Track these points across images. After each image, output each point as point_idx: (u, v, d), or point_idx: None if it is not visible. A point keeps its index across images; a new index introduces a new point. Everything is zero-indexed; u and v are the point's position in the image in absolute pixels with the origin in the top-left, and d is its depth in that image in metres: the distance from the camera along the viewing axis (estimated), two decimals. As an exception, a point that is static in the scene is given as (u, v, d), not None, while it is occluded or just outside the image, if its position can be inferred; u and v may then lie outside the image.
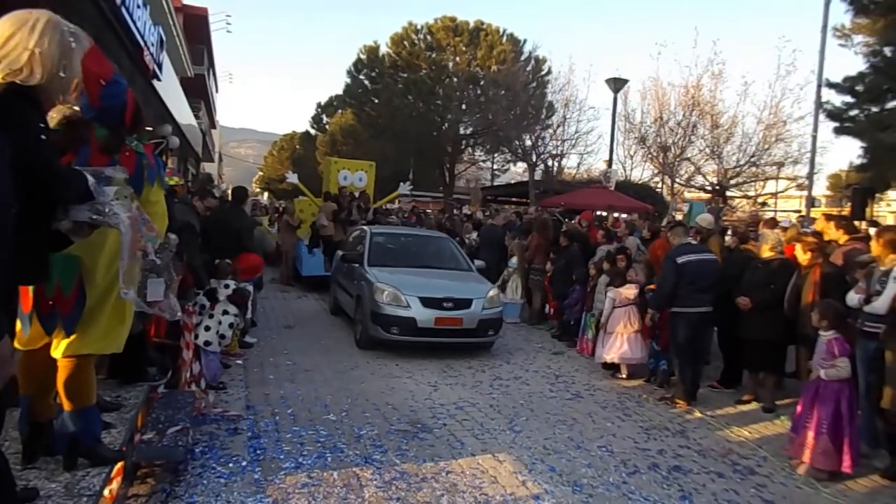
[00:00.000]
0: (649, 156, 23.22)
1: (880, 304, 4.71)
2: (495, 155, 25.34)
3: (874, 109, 15.34)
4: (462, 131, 26.16)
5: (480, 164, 27.04)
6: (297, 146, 48.17)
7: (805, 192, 21.27)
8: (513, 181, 26.88)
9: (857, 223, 7.96)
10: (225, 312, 5.78)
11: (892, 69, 14.68)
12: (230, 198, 8.28)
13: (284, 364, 6.73)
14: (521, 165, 24.73)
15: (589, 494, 4.09)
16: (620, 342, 6.69)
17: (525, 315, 9.93)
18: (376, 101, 28.80)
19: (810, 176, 16.31)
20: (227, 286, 5.98)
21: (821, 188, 32.25)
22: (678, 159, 22.16)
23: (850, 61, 15.52)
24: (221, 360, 5.98)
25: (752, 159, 21.48)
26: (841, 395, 4.55)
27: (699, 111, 22.14)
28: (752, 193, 23.87)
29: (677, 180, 23.01)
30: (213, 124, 35.77)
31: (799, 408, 4.81)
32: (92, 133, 2.86)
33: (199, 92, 24.48)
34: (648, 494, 4.13)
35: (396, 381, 6.39)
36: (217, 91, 37.62)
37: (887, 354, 4.55)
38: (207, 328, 5.58)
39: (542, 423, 5.39)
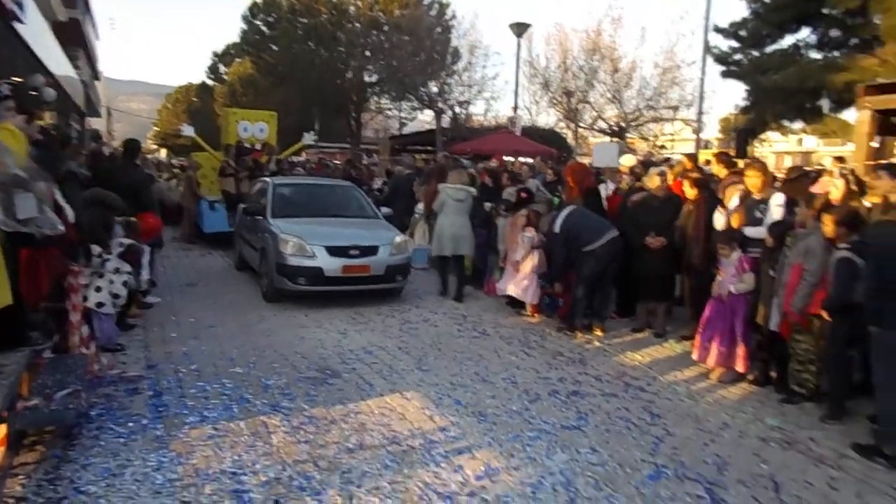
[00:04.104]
0: (554, 101, 23.68)
1: (762, 229, 5.15)
2: (402, 103, 24.93)
3: (755, 54, 16.28)
4: (367, 79, 25.49)
5: (387, 112, 26.57)
6: (194, 98, 45.46)
7: (700, 135, 22.39)
8: (422, 129, 26.68)
9: (739, 161, 8.54)
10: (117, 271, 5.49)
11: (771, 15, 15.56)
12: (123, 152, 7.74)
13: (187, 322, 6.52)
14: (430, 113, 24.58)
15: (493, 423, 4.30)
16: (528, 281, 6.89)
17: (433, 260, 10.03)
18: (275, 48, 27.44)
19: (699, 117, 17.19)
20: (121, 244, 5.67)
21: (714, 131, 34.06)
22: (581, 104, 22.74)
23: (738, 7, 16.25)
24: (118, 322, 5.71)
25: (650, 103, 22.40)
26: (739, 308, 5.11)
27: (600, 56, 22.68)
28: (650, 136, 24.91)
29: (581, 125, 23.67)
30: (96, 76, 32.91)
31: (703, 323, 5.36)
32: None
33: (75, 39, 22.32)
34: (548, 418, 4.39)
35: (305, 331, 6.35)
36: (98, 38, 34.50)
37: (762, 277, 5.01)
38: (99, 289, 5.29)
39: (449, 361, 5.56)
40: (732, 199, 5.60)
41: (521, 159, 15.66)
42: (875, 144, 11.28)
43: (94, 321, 5.16)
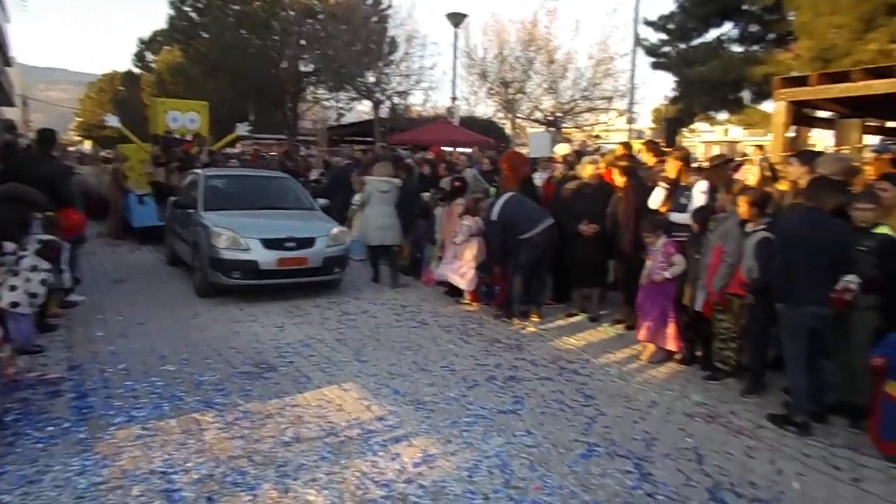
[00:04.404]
0: (492, 91, 23.86)
1: (685, 215, 5.37)
2: (339, 93, 24.53)
3: (682, 46, 16.88)
4: (302, 69, 24.94)
5: (324, 103, 26.09)
6: (120, 87, 43.31)
7: (633, 125, 23.07)
8: (361, 120, 26.37)
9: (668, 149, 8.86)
10: (34, 269, 5.19)
11: (696, 9, 16.16)
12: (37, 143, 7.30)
13: (115, 320, 6.26)
14: (368, 104, 24.31)
15: (431, 410, 4.33)
16: (466, 269, 6.94)
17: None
18: (206, 35, 26.46)
19: (629, 107, 17.70)
20: (38, 241, 5.37)
21: (647, 121, 35.14)
22: (518, 94, 23.00)
23: (667, 1, 16.80)
24: (38, 322, 5.43)
25: (585, 94, 22.87)
26: (669, 290, 5.32)
27: (536, 47, 22.98)
28: (586, 126, 25.46)
29: (519, 115, 23.95)
30: (7, 61, 30.90)
31: (638, 306, 5.59)
32: None
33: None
34: (485, 403, 4.47)
35: (240, 326, 6.22)
36: (8, 21, 32.35)
37: (687, 260, 5.22)
38: (13, 287, 5.00)
39: (388, 352, 5.56)
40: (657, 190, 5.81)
41: (460, 149, 15.77)
42: (791, 134, 11.90)
43: (8, 322, 4.87)
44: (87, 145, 43.90)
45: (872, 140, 13.29)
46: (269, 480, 3.31)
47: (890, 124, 12.40)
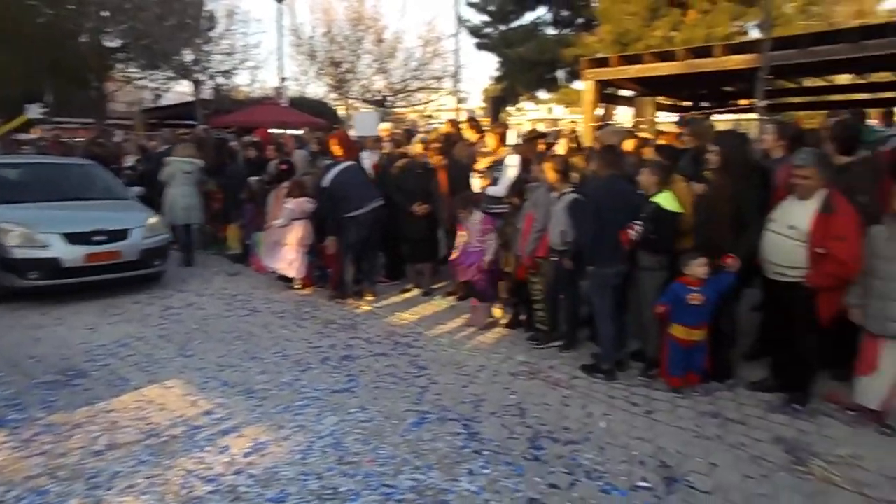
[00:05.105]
0: (322, 72, 23.36)
1: (500, 188, 5.69)
2: (155, 72, 22.48)
3: (502, 28, 17.73)
4: (108, 44, 22.48)
5: (137, 83, 23.77)
6: None
7: (463, 104, 23.82)
8: (181, 102, 24.45)
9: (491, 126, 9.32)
10: None
11: (514, -9, 17.03)
12: None
13: None
14: (189, 84, 22.59)
15: (262, 398, 4.23)
16: (293, 255, 6.79)
17: (201, 239, 9.41)
18: (-17, 3, 22.83)
19: (455, 85, 18.32)
20: None
21: (478, 101, 36.46)
22: (349, 74, 22.76)
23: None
24: None
25: (416, 73, 23.23)
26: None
27: (364, 26, 22.85)
28: (419, 107, 25.90)
29: (351, 95, 23.73)
30: None
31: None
32: None
33: None
34: (319, 385, 4.45)
35: (43, 332, 5.57)
36: None
37: (507, 230, 5.54)
38: None
39: (216, 343, 5.31)
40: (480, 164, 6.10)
41: (291, 132, 15.28)
42: (600, 111, 13.05)
43: None
44: None
45: (669, 116, 15.00)
46: (77, 495, 3.04)
47: (685, 103, 14.03)
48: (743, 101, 12.91)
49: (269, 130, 14.12)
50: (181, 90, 24.74)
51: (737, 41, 12.05)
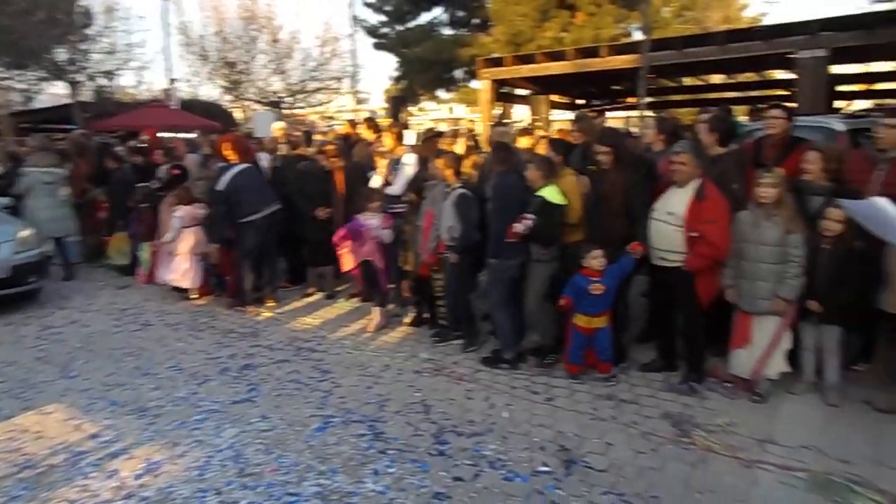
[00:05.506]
0: (215, 72, 22.42)
1: (397, 187, 5.69)
2: (22, 72, 20.67)
3: (400, 28, 17.77)
4: (-35, 41, 20.46)
5: (1, 83, 21.75)
6: None
7: (364, 105, 23.65)
8: (57, 104, 22.64)
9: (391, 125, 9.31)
10: None
11: (409, -8, 17.11)
12: None
13: None
14: (65, 86, 20.97)
15: (156, 415, 4.02)
16: (186, 264, 6.47)
17: (84, 251, 8.77)
18: None
19: (352, 86, 18.19)
20: None
21: (379, 101, 36.27)
22: (243, 75, 22.00)
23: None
24: None
25: (314, 74, 22.77)
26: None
27: (258, 25, 22.14)
28: (319, 108, 25.42)
29: (247, 96, 22.95)
30: None
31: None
32: None
33: None
34: (217, 397, 4.28)
35: None
36: None
37: (407, 228, 5.56)
38: None
39: (103, 361, 4.98)
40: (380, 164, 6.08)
41: (182, 135, 14.55)
42: (498, 110, 13.36)
43: None
44: None
45: (565, 114, 15.57)
46: (-60, 538, 2.76)
47: (579, 101, 14.61)
48: (630, 99, 13.65)
49: (159, 134, 13.41)
50: (56, 92, 22.95)
51: (621, 42, 12.73)
